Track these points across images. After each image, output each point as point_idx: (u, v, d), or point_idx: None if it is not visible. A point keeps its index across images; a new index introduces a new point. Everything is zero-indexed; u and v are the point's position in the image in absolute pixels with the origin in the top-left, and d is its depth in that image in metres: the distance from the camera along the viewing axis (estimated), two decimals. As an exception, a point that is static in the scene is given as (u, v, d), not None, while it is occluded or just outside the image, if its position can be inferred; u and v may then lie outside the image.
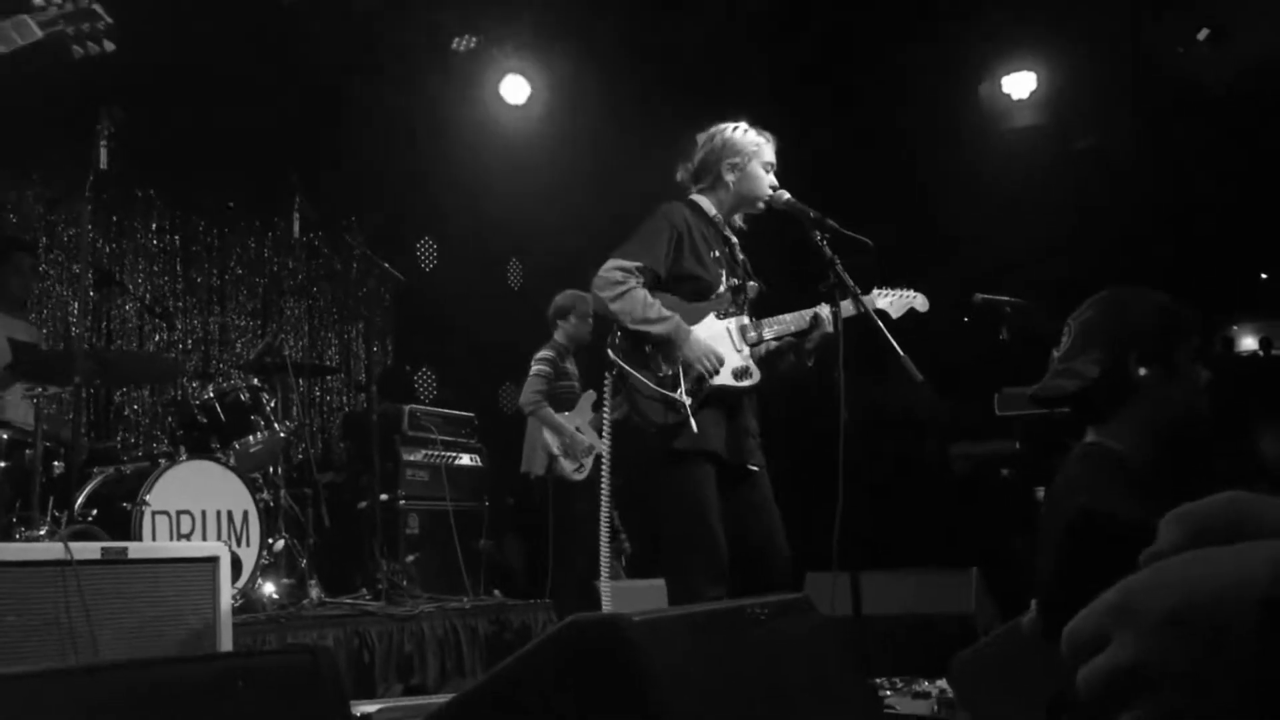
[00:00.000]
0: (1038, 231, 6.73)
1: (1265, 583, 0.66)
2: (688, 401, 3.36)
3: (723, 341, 3.48)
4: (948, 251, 6.95)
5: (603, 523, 3.50)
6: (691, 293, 3.48)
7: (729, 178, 3.62)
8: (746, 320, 3.58)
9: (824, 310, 3.52)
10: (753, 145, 3.64)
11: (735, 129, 3.70)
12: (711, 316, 3.51)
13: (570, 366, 5.94)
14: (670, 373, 3.38)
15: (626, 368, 3.35)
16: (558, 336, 5.94)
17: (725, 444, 3.41)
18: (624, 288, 3.32)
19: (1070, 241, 6.72)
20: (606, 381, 3.41)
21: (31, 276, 5.51)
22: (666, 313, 3.37)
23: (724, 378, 3.42)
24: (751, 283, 3.68)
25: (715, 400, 3.41)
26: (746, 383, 3.51)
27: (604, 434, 3.44)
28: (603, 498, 3.49)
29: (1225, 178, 6.50)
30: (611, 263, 3.38)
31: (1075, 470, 1.95)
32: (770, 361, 3.63)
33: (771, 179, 3.66)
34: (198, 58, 6.40)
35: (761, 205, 3.63)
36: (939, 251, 6.99)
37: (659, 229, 3.49)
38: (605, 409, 3.48)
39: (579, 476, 5.64)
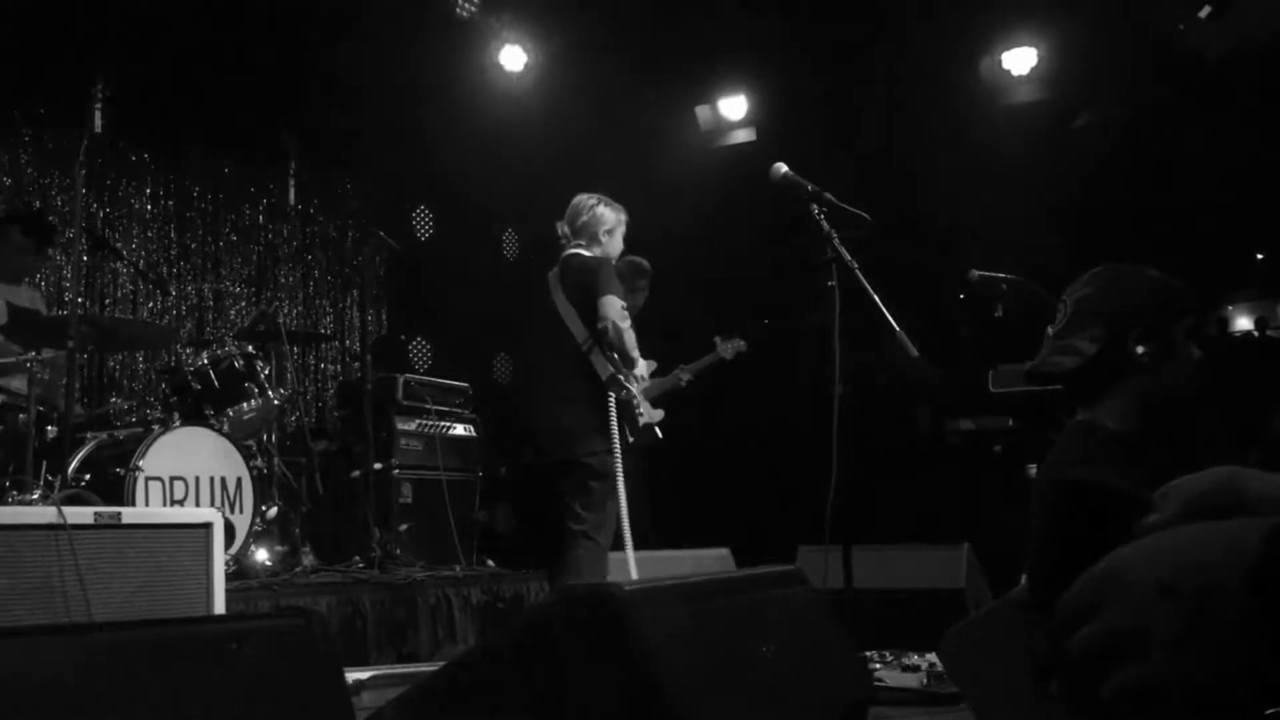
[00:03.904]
0: (1036, 207, 6.72)
1: (1253, 559, 0.66)
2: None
3: None
4: (945, 227, 6.94)
5: None
6: None
7: (602, 240, 4.47)
8: None
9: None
10: (617, 219, 4.53)
11: (607, 204, 4.52)
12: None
13: None
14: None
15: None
16: None
17: None
18: (628, 322, 4.24)
19: (1068, 218, 6.71)
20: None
21: (40, 255, 5.41)
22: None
23: None
24: None
25: None
26: None
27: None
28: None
29: (1224, 156, 6.49)
30: (616, 300, 4.22)
31: (1067, 445, 1.96)
32: None
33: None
34: (193, 20, 6.35)
35: (613, 263, 4.52)
36: (937, 227, 6.99)
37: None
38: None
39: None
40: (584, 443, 4.25)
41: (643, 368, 4.47)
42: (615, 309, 4.22)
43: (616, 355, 4.30)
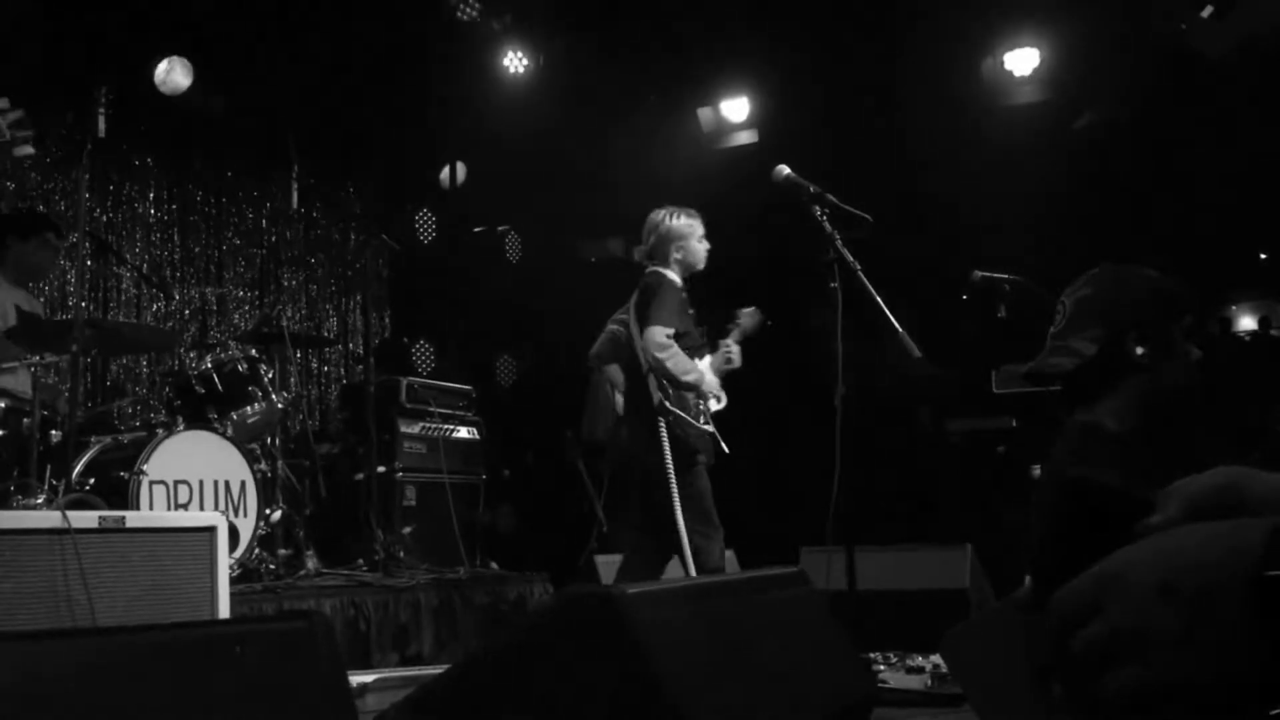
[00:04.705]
0: (1037, 208, 6.72)
1: (1255, 559, 0.66)
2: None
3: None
4: (947, 228, 6.94)
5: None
6: (685, 345, 4.31)
7: (676, 256, 4.44)
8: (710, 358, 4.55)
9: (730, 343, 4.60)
10: (688, 227, 4.49)
11: (674, 216, 4.49)
12: (708, 359, 4.48)
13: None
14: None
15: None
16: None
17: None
18: (672, 349, 4.20)
19: (1068, 218, 6.71)
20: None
21: (55, 256, 5.40)
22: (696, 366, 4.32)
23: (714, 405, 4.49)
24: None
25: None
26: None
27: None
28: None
29: (1224, 156, 6.49)
30: (658, 330, 4.20)
31: (1068, 445, 1.96)
32: None
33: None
34: (194, 24, 6.36)
35: (700, 268, 4.53)
36: (938, 228, 6.98)
37: (677, 298, 4.36)
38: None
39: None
40: (648, 458, 4.25)
41: (712, 384, 4.42)
42: (654, 340, 4.21)
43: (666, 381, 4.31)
